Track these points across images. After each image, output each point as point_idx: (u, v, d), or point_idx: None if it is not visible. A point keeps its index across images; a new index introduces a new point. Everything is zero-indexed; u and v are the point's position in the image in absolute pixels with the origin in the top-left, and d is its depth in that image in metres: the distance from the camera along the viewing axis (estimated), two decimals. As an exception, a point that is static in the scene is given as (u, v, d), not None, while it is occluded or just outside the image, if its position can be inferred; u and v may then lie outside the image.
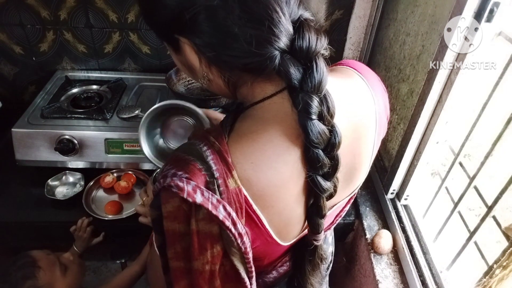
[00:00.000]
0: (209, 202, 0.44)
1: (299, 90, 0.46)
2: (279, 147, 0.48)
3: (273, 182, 0.48)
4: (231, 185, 0.45)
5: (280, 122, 0.48)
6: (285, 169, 0.48)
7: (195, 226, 0.45)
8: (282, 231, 0.54)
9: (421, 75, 0.95)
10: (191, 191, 0.43)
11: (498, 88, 0.76)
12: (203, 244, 0.46)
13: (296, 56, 0.46)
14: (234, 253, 0.47)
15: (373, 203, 1.17)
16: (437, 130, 0.91)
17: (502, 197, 0.73)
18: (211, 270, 0.47)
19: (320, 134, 0.46)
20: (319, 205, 0.53)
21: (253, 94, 0.51)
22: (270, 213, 0.50)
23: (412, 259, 0.96)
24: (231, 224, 0.45)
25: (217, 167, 0.45)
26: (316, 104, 0.46)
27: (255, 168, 0.47)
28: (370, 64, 1.38)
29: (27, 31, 1.34)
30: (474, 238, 0.81)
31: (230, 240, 0.46)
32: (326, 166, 0.49)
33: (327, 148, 0.48)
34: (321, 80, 0.46)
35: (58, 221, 1.08)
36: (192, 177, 0.44)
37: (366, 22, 1.37)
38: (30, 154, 1.13)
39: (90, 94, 1.30)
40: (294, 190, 0.51)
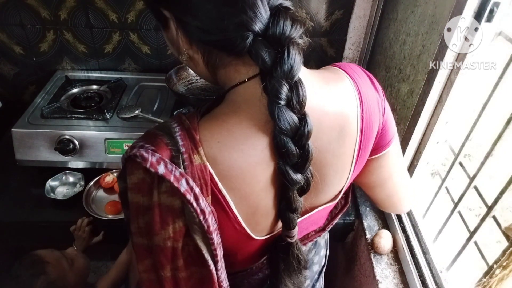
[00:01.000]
0: (172, 174, 0.44)
1: (269, 75, 0.46)
2: (247, 130, 0.48)
3: (239, 164, 0.48)
4: (196, 161, 0.46)
5: (250, 106, 0.49)
6: (252, 153, 0.48)
7: (157, 199, 0.45)
8: (251, 219, 0.53)
9: (421, 75, 0.95)
10: (154, 162, 0.43)
11: (498, 88, 0.76)
12: (164, 218, 0.46)
13: (269, 41, 0.46)
14: (196, 230, 0.47)
15: (373, 203, 1.17)
16: (437, 130, 0.91)
17: (502, 197, 0.73)
18: (173, 248, 0.47)
19: (288, 121, 0.46)
20: (288, 197, 0.52)
21: (230, 78, 0.51)
22: (237, 196, 0.49)
23: (412, 259, 0.96)
24: (192, 198, 0.45)
25: (183, 142, 0.46)
26: (285, 90, 0.46)
27: (221, 147, 0.47)
28: (370, 64, 1.38)
29: (27, 31, 1.34)
30: (474, 238, 0.81)
31: (192, 215, 0.45)
32: (294, 156, 0.48)
33: (295, 136, 0.47)
34: (291, 66, 0.46)
35: (58, 221, 1.08)
36: (157, 150, 0.45)
37: (366, 22, 1.37)
38: (30, 154, 1.13)
39: (90, 94, 1.30)
40: (262, 177, 0.50)
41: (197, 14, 0.47)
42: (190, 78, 1.30)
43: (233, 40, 0.46)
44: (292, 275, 0.63)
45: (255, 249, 0.61)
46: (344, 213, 1.14)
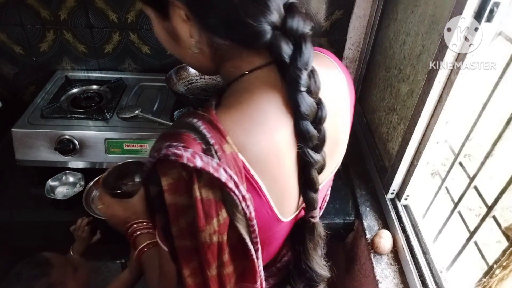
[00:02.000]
0: (210, 166, 0.43)
1: (289, 65, 0.49)
2: (268, 114, 0.49)
3: (266, 147, 0.49)
4: (227, 150, 0.45)
5: (267, 93, 0.50)
6: (276, 136, 0.49)
7: (199, 194, 0.44)
8: (280, 202, 0.54)
9: (421, 75, 0.95)
10: (190, 157, 0.43)
11: (498, 88, 0.76)
12: (208, 211, 0.45)
13: (286, 33, 0.49)
14: (239, 219, 0.47)
15: (373, 203, 1.17)
16: (437, 130, 0.91)
17: (502, 197, 0.73)
18: (219, 242, 0.47)
19: (309, 106, 0.49)
20: (312, 178, 0.54)
21: (240, 68, 0.53)
22: (268, 180, 0.50)
23: (412, 259, 0.96)
24: (234, 186, 0.44)
25: (211, 134, 0.45)
26: (305, 78, 0.49)
27: (247, 133, 0.47)
28: (370, 64, 1.38)
29: (27, 31, 1.34)
30: (474, 238, 0.81)
31: (235, 203, 0.45)
32: (315, 139, 0.51)
33: (315, 120, 0.51)
34: (309, 56, 0.49)
35: (58, 221, 1.08)
36: (188, 146, 0.44)
37: (366, 22, 1.37)
38: (30, 154, 1.13)
39: (90, 94, 1.30)
40: (287, 160, 0.52)
41: (220, 7, 0.48)
42: (190, 78, 1.30)
43: (255, 34, 0.48)
44: (318, 250, 0.66)
45: (281, 235, 0.62)
46: (344, 213, 1.15)
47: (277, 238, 0.63)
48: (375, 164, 1.24)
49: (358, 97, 1.51)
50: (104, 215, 0.86)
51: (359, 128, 1.43)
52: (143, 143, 1.14)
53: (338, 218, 1.15)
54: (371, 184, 1.23)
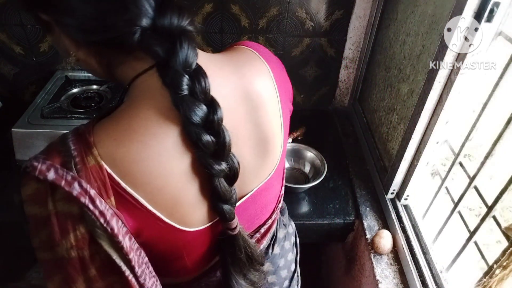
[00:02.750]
0: (63, 179, 0.42)
1: (166, 67, 0.46)
2: (146, 121, 0.46)
3: (144, 157, 0.46)
4: (90, 162, 0.44)
5: (149, 98, 0.48)
6: (159, 143, 0.46)
7: (53, 207, 0.43)
8: (175, 213, 0.51)
9: (421, 75, 0.95)
10: (44, 169, 0.42)
11: (498, 88, 0.76)
12: (63, 226, 0.43)
13: (159, 33, 0.46)
14: (100, 235, 0.44)
15: (373, 203, 1.17)
16: (437, 130, 0.91)
17: (502, 197, 0.73)
18: (80, 257, 0.44)
19: (195, 110, 0.46)
20: (217, 188, 0.50)
21: (126, 74, 0.51)
22: (148, 192, 0.47)
23: (412, 259, 0.96)
24: (88, 201, 0.42)
25: (75, 146, 0.45)
26: (185, 81, 0.46)
27: (118, 144, 0.45)
28: (370, 64, 1.38)
29: (27, 31, 1.34)
30: (474, 238, 0.81)
31: (92, 220, 0.43)
32: (210, 145, 0.47)
33: (206, 124, 0.47)
34: (186, 55, 0.46)
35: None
36: (48, 157, 0.43)
37: (366, 22, 1.37)
38: (30, 154, 1.13)
39: (90, 94, 1.30)
40: (178, 168, 0.48)
41: (75, 14, 0.45)
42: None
43: (120, 38, 0.46)
44: (244, 271, 0.60)
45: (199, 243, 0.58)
46: (344, 213, 1.15)
47: (195, 247, 0.58)
48: (375, 164, 1.24)
49: (358, 97, 1.51)
50: None
51: (359, 128, 1.44)
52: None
53: (338, 218, 1.15)
54: (371, 184, 1.23)
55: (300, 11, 1.33)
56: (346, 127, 1.51)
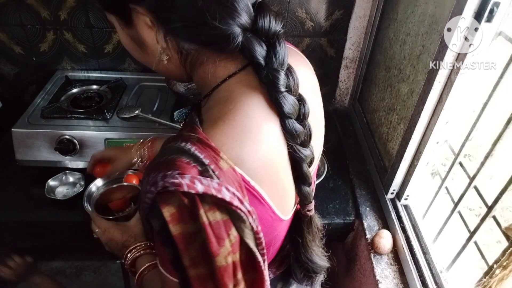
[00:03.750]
0: (211, 188, 0.42)
1: (264, 66, 0.49)
2: (257, 119, 0.49)
3: (262, 154, 0.48)
4: (224, 166, 0.44)
5: (250, 97, 0.50)
6: (268, 140, 0.49)
7: (206, 219, 0.42)
8: (281, 204, 0.54)
9: (421, 75, 0.95)
10: (189, 183, 0.41)
11: (498, 88, 0.76)
12: (219, 234, 0.43)
13: (258, 34, 0.49)
14: (248, 234, 0.45)
15: (373, 203, 1.17)
16: (437, 130, 0.91)
17: (502, 197, 0.73)
18: (234, 262, 0.45)
19: (292, 105, 0.49)
20: (305, 172, 0.54)
21: (215, 74, 0.51)
22: (268, 186, 0.50)
23: (412, 259, 0.96)
24: (239, 203, 0.43)
25: (204, 154, 0.44)
26: (283, 78, 0.49)
27: (241, 144, 0.46)
28: (370, 64, 1.38)
29: (27, 31, 1.34)
30: (474, 238, 0.81)
31: (242, 219, 0.44)
32: (302, 135, 0.52)
33: (299, 117, 0.51)
34: (284, 55, 0.49)
35: (58, 221, 1.08)
36: (184, 172, 0.42)
37: (366, 22, 1.37)
38: (30, 154, 1.13)
39: (90, 94, 1.30)
40: (281, 161, 0.52)
41: (184, 11, 0.46)
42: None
43: (225, 38, 0.47)
44: (316, 241, 0.67)
45: (283, 232, 0.63)
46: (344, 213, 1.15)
47: (280, 236, 0.63)
48: (375, 164, 1.24)
49: (358, 97, 1.51)
50: (102, 239, 0.82)
51: (359, 128, 1.43)
52: (143, 143, 1.14)
53: (338, 218, 1.15)
54: (371, 184, 1.23)
55: (300, 11, 1.33)
56: (346, 127, 1.51)
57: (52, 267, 1.68)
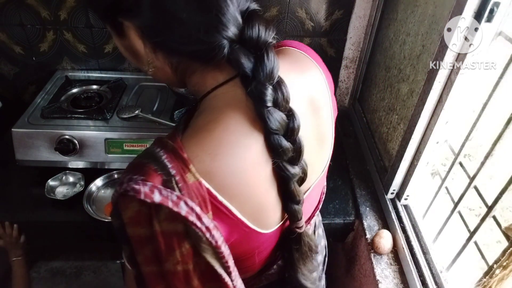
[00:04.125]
0: (169, 200, 0.42)
1: (251, 79, 0.47)
2: (236, 133, 0.48)
3: (235, 169, 0.47)
4: (190, 179, 0.44)
5: (234, 109, 0.48)
6: (247, 154, 0.48)
7: (159, 227, 0.43)
8: (258, 218, 0.53)
9: (421, 75, 0.95)
10: (148, 192, 0.42)
11: (498, 88, 0.76)
12: (169, 244, 0.44)
13: (246, 46, 0.47)
14: (205, 249, 0.45)
15: (373, 203, 1.17)
16: (437, 130, 0.91)
17: (502, 197, 0.73)
18: (185, 270, 0.46)
19: (278, 121, 0.47)
20: (291, 190, 0.53)
21: (204, 84, 0.51)
22: (239, 201, 0.49)
23: (412, 259, 0.96)
24: (195, 219, 0.43)
25: (172, 164, 0.44)
26: (270, 92, 0.47)
27: (214, 158, 0.46)
28: (370, 64, 1.38)
29: (27, 31, 1.34)
30: (474, 238, 0.81)
31: (198, 236, 0.44)
32: (289, 151, 0.49)
33: (287, 133, 0.49)
34: (272, 68, 0.47)
35: (58, 221, 1.08)
36: (147, 179, 0.43)
37: (366, 22, 1.37)
38: (30, 154, 1.13)
39: (90, 94, 1.30)
40: (261, 176, 0.50)
41: (170, 24, 0.46)
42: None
43: (211, 50, 0.46)
44: (306, 262, 0.64)
45: (270, 242, 0.61)
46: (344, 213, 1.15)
47: (266, 246, 0.62)
48: (375, 164, 1.24)
49: (358, 97, 1.51)
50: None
51: (359, 128, 1.44)
52: (143, 143, 1.14)
53: (338, 218, 1.15)
54: (371, 184, 1.23)
55: (300, 11, 1.33)
56: (346, 127, 1.51)
57: (52, 267, 1.68)
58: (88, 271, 1.70)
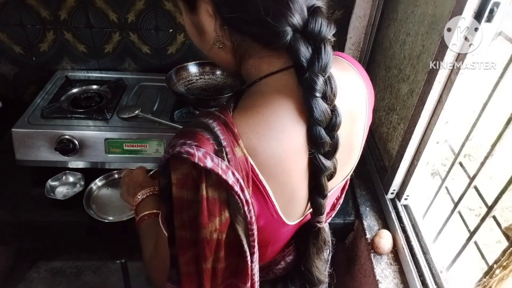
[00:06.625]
0: (219, 167, 0.45)
1: (306, 69, 0.49)
2: (284, 119, 0.50)
3: (278, 153, 0.49)
4: (238, 153, 0.47)
5: (284, 97, 0.51)
6: (290, 142, 0.50)
7: (205, 192, 0.46)
8: (286, 206, 0.55)
9: (421, 75, 0.95)
10: (201, 157, 0.44)
11: (498, 88, 0.76)
12: (212, 210, 0.47)
13: (307, 37, 0.49)
14: (239, 221, 0.48)
15: (373, 203, 1.17)
16: (437, 130, 0.91)
17: (502, 197, 0.73)
18: (218, 239, 0.48)
19: (323, 112, 0.49)
20: (321, 183, 0.54)
21: (259, 68, 0.53)
22: (275, 184, 0.51)
23: (412, 259, 0.96)
24: (239, 190, 0.46)
25: (224, 136, 0.46)
26: (321, 83, 0.49)
27: (260, 138, 0.48)
28: (370, 64, 1.38)
29: (27, 31, 1.34)
30: (474, 238, 0.81)
31: (238, 206, 0.47)
32: (327, 145, 0.51)
33: (328, 126, 0.51)
34: (327, 62, 0.49)
35: (58, 221, 1.08)
36: (201, 145, 0.45)
37: (366, 22, 1.37)
38: (30, 154, 1.13)
39: (90, 94, 1.30)
40: (298, 166, 0.52)
41: (242, 4, 0.48)
42: (190, 78, 1.30)
43: (275, 34, 0.49)
44: (320, 256, 0.66)
45: (286, 236, 0.63)
46: (344, 213, 1.15)
47: (282, 239, 0.64)
48: (375, 164, 1.24)
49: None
50: (124, 180, 0.90)
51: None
52: (143, 143, 1.14)
53: (338, 218, 1.15)
54: (371, 184, 1.23)
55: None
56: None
57: (52, 267, 1.68)
58: (88, 271, 1.70)
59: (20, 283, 1.61)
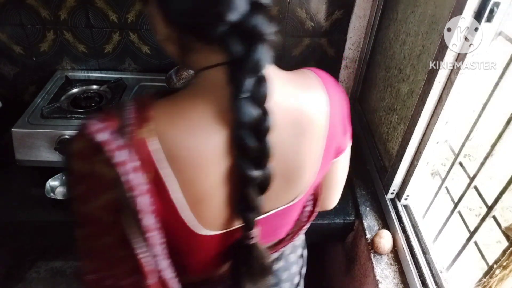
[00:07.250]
0: (113, 143, 0.44)
1: (237, 67, 0.46)
2: (202, 115, 0.48)
3: (191, 147, 0.47)
4: (139, 135, 0.46)
5: (210, 93, 0.49)
6: (205, 141, 0.48)
7: (93, 166, 0.45)
8: (196, 209, 0.51)
9: (421, 75, 0.95)
10: (94, 130, 0.44)
11: (498, 88, 0.76)
12: (97, 186, 0.46)
13: (244, 33, 0.46)
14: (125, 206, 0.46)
15: (373, 203, 1.17)
16: (437, 130, 0.91)
17: (502, 197, 0.73)
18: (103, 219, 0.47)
19: (248, 114, 0.46)
20: (245, 194, 0.51)
21: (198, 64, 0.51)
22: (183, 180, 0.48)
23: (412, 259, 0.96)
24: (125, 171, 0.44)
25: (133, 115, 0.46)
26: (249, 83, 0.46)
27: (172, 124, 0.47)
28: (370, 64, 1.38)
29: (27, 31, 1.34)
30: (474, 238, 0.81)
31: (122, 189, 0.45)
32: (253, 150, 0.48)
33: (254, 130, 0.47)
34: (258, 60, 0.46)
35: (58, 221, 1.08)
36: (105, 120, 0.46)
37: (366, 22, 1.37)
38: (30, 154, 1.13)
39: (90, 94, 1.30)
40: (216, 169, 0.49)
41: None
42: (190, 78, 1.30)
43: (206, 27, 0.46)
44: (254, 280, 0.60)
45: (209, 247, 0.58)
46: (344, 213, 1.15)
47: (204, 249, 0.59)
48: (375, 164, 1.24)
49: (358, 97, 1.51)
50: None
51: (359, 128, 1.44)
52: (143, 143, 1.14)
53: (338, 218, 1.15)
54: (371, 184, 1.23)
55: (300, 11, 1.33)
56: (346, 127, 1.51)
57: (52, 267, 1.68)
58: (88, 271, 1.70)
59: (19, 283, 1.61)
